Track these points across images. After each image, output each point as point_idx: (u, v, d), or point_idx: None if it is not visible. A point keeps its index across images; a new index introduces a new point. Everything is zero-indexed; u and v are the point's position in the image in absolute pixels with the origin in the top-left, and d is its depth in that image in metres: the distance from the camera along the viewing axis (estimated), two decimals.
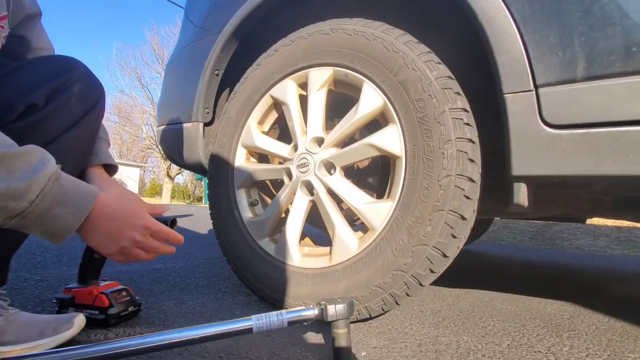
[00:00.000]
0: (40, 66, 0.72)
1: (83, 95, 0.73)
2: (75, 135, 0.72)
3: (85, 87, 0.73)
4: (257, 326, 0.66)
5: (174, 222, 0.88)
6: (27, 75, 0.69)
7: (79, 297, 0.86)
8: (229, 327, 0.66)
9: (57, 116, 0.68)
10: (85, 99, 0.73)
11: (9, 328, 0.70)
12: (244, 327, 0.66)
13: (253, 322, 0.66)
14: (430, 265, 0.88)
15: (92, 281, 0.90)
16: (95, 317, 0.84)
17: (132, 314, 0.91)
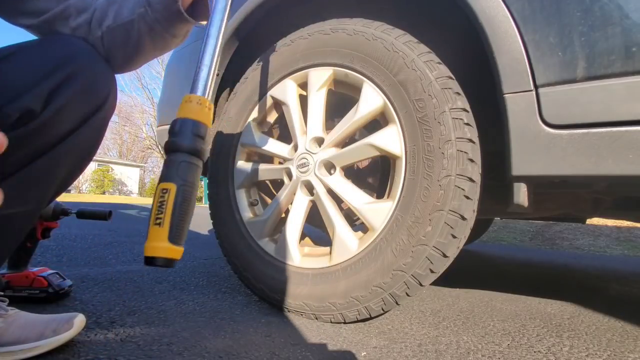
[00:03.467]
0: (35, 57, 0.59)
1: (90, 90, 0.62)
2: (78, 140, 0.62)
3: (93, 81, 0.62)
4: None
5: (110, 213, 1.07)
6: (18, 69, 0.56)
7: (15, 280, 0.97)
8: None
9: (58, 121, 0.58)
10: (92, 96, 0.63)
11: (8, 329, 0.70)
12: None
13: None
14: (430, 265, 0.88)
15: (22, 267, 1.00)
16: (36, 296, 0.96)
17: (66, 293, 1.04)
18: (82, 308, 0.97)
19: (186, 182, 0.61)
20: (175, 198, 0.60)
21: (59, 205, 1.04)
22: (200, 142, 0.64)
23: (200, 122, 0.64)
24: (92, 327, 0.84)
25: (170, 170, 0.61)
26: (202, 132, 0.65)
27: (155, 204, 0.60)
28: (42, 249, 1.73)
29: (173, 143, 0.62)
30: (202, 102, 0.64)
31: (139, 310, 0.99)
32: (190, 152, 0.62)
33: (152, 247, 0.57)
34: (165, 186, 0.59)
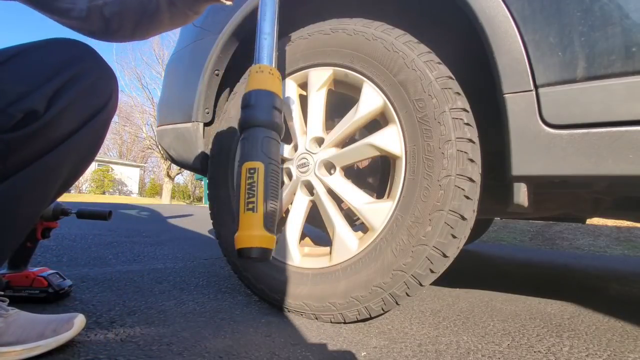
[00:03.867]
0: (39, 58, 0.60)
1: (92, 92, 0.62)
2: (80, 139, 0.62)
3: (95, 83, 0.62)
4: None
5: (110, 213, 1.08)
6: (23, 70, 0.57)
7: (15, 280, 0.97)
8: None
9: (61, 122, 0.58)
10: (95, 97, 0.63)
11: (8, 329, 0.70)
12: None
13: None
14: (430, 265, 0.88)
15: (22, 267, 1.00)
16: (36, 296, 0.96)
17: (66, 293, 1.03)
18: (82, 308, 0.97)
19: (272, 159, 0.56)
20: (265, 178, 0.54)
21: (59, 205, 1.04)
22: (278, 116, 0.60)
23: (275, 93, 0.59)
24: (92, 327, 0.84)
25: (254, 147, 0.55)
26: (279, 105, 0.60)
27: (244, 186, 0.54)
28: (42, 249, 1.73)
29: (251, 117, 0.57)
30: (273, 72, 0.60)
31: (139, 310, 0.99)
32: (271, 127, 0.58)
33: (247, 236, 0.52)
34: (252, 165, 0.54)
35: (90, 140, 0.65)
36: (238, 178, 0.56)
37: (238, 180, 0.56)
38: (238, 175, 0.57)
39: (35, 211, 0.65)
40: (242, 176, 0.55)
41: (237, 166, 0.58)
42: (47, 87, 0.56)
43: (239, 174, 0.57)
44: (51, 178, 0.62)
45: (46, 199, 0.64)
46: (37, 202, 0.63)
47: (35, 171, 0.57)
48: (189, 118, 1.36)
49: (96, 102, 0.63)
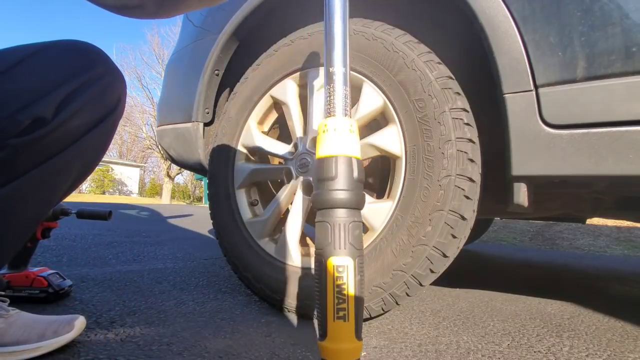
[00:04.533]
0: (51, 62, 0.58)
1: (102, 98, 0.61)
2: (88, 142, 0.62)
3: (105, 88, 0.61)
4: None
5: (110, 213, 1.07)
6: (33, 75, 0.56)
7: (15, 280, 0.97)
8: None
9: (68, 128, 0.58)
10: (104, 102, 0.62)
11: (9, 330, 0.70)
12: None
13: None
14: (430, 265, 0.88)
15: (22, 267, 1.00)
16: (36, 296, 0.97)
17: (66, 293, 1.04)
18: (82, 308, 0.97)
19: (361, 251, 0.48)
20: (355, 277, 0.46)
21: (59, 205, 1.04)
22: (361, 188, 0.50)
23: (359, 160, 0.51)
24: (92, 327, 0.84)
25: (341, 237, 0.47)
26: (362, 174, 0.51)
27: (331, 288, 0.45)
28: (42, 249, 1.73)
29: (334, 196, 0.48)
30: (353, 129, 0.52)
31: (139, 310, 0.99)
32: (357, 207, 0.49)
33: (338, 350, 0.44)
34: (340, 261, 0.46)
35: (98, 143, 0.65)
36: (321, 273, 0.47)
37: (321, 275, 0.47)
38: (321, 269, 0.48)
39: (39, 214, 0.64)
40: (327, 273, 0.46)
41: (317, 257, 0.48)
42: (56, 94, 0.55)
43: (322, 268, 0.48)
44: (57, 181, 0.61)
45: (51, 201, 0.64)
46: (42, 205, 0.63)
47: (41, 174, 0.57)
48: (189, 118, 1.36)
49: (105, 106, 0.63)
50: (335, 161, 0.50)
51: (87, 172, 0.68)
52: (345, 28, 0.62)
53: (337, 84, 0.58)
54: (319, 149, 0.52)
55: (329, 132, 0.51)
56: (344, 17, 0.63)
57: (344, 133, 0.51)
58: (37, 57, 0.58)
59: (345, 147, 0.50)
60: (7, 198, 0.54)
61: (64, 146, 0.58)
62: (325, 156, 0.50)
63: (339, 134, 0.51)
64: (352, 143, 0.51)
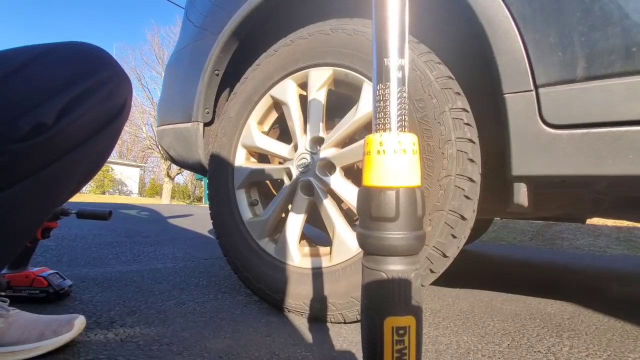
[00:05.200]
0: (53, 67, 0.56)
1: (106, 103, 0.59)
2: (92, 147, 0.60)
3: (110, 93, 0.59)
4: None
5: (110, 213, 1.08)
6: (36, 79, 0.55)
7: (15, 280, 0.97)
8: None
9: (71, 133, 0.56)
10: (108, 107, 0.60)
11: (9, 329, 0.70)
12: None
13: None
14: (430, 265, 0.88)
15: (22, 267, 1.00)
16: (36, 296, 0.97)
17: (66, 293, 1.04)
18: (82, 308, 0.97)
19: (422, 306, 0.40)
20: (417, 339, 0.39)
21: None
22: (423, 228, 0.41)
23: (419, 189, 0.40)
24: (92, 327, 0.84)
25: (402, 291, 0.38)
26: (424, 210, 0.41)
27: (389, 355, 0.38)
28: (42, 249, 1.73)
29: (396, 243, 0.38)
30: (415, 148, 0.40)
31: (139, 310, 0.99)
32: (418, 252, 0.40)
33: None
34: (400, 322, 0.38)
35: (102, 147, 0.64)
36: (375, 336, 0.39)
37: (375, 340, 0.39)
38: (375, 332, 0.39)
39: (40, 218, 0.64)
40: (383, 335, 0.38)
41: (368, 313, 0.40)
42: (59, 99, 0.54)
43: (376, 331, 0.39)
44: (58, 185, 0.61)
45: (53, 205, 0.64)
46: (43, 210, 0.62)
47: (42, 179, 0.56)
48: (189, 118, 1.36)
49: (110, 111, 0.61)
50: (397, 196, 0.38)
51: (90, 175, 0.67)
52: (404, 7, 0.49)
53: (392, 84, 0.42)
54: (370, 174, 0.41)
55: (387, 155, 0.39)
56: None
57: (407, 155, 0.39)
58: (40, 60, 0.56)
59: (409, 176, 0.39)
60: (7, 203, 0.54)
61: (66, 151, 0.57)
62: (382, 187, 0.39)
63: (401, 156, 0.39)
64: (416, 169, 0.40)
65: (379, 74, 0.43)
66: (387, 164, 0.40)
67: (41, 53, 0.57)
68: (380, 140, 0.41)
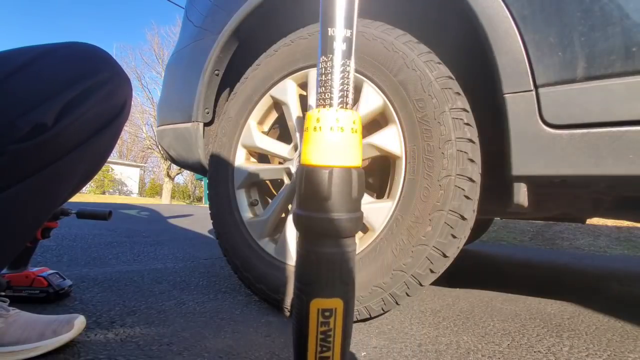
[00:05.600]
0: (52, 67, 0.56)
1: (106, 103, 0.59)
2: (91, 147, 0.60)
3: (110, 93, 0.59)
4: None
5: (110, 213, 1.07)
6: (36, 79, 0.54)
7: (15, 280, 0.97)
8: None
9: (71, 133, 0.56)
10: (108, 108, 0.60)
11: (9, 329, 0.70)
12: None
13: None
14: (430, 265, 0.88)
15: (22, 267, 1.00)
16: (36, 296, 0.97)
17: (66, 293, 1.04)
18: (82, 308, 0.97)
19: (353, 287, 0.39)
20: (344, 321, 0.39)
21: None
22: (360, 209, 0.40)
23: (360, 170, 0.39)
24: (92, 327, 0.84)
25: (329, 274, 0.37)
26: (363, 190, 0.40)
27: (314, 334, 0.38)
28: (42, 249, 1.73)
29: (327, 223, 0.37)
30: (356, 126, 0.38)
31: (139, 310, 0.99)
32: (352, 235, 0.39)
33: None
34: (326, 304, 0.37)
35: (102, 148, 0.64)
36: (301, 316, 0.38)
37: (301, 320, 0.38)
38: (301, 312, 0.38)
39: (40, 219, 0.64)
40: (309, 318, 0.38)
41: (297, 294, 0.39)
42: (58, 100, 0.54)
43: (302, 311, 0.38)
44: (58, 186, 0.61)
45: (52, 206, 0.64)
46: (42, 210, 0.62)
47: (42, 179, 0.56)
48: (189, 118, 1.36)
49: (110, 111, 0.61)
50: (329, 175, 0.37)
51: (90, 175, 0.67)
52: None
53: (336, 57, 0.39)
54: (305, 152, 0.39)
55: (323, 132, 0.37)
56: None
57: (344, 134, 0.37)
58: (40, 61, 0.56)
59: (345, 155, 0.37)
60: (6, 203, 0.54)
61: (65, 152, 0.57)
62: (315, 165, 0.37)
63: (337, 134, 0.37)
64: (353, 148, 0.38)
65: (324, 45, 0.40)
66: (322, 141, 0.38)
67: (41, 54, 0.57)
68: (318, 117, 0.39)
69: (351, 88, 0.41)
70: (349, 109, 0.40)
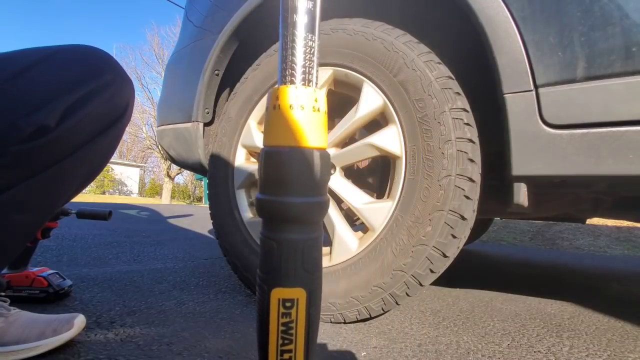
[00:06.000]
0: (56, 69, 0.56)
1: (109, 105, 0.60)
2: (94, 149, 0.60)
3: (112, 96, 0.60)
4: None
5: (110, 213, 1.07)
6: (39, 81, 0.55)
7: (15, 280, 0.96)
8: None
9: (74, 135, 0.56)
10: (111, 110, 0.61)
11: (9, 329, 0.70)
12: None
13: None
14: (430, 265, 0.88)
15: (22, 267, 1.00)
16: (36, 296, 0.97)
17: (66, 293, 1.04)
18: (82, 308, 0.97)
19: (318, 277, 0.37)
20: (307, 313, 0.36)
21: None
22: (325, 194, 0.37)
23: (324, 152, 0.37)
24: (92, 327, 0.84)
25: (288, 259, 0.36)
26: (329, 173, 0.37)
27: (275, 326, 0.36)
28: (42, 249, 1.73)
29: (285, 207, 0.35)
30: (319, 105, 0.36)
31: (139, 310, 0.99)
32: (315, 220, 0.37)
33: None
34: (287, 293, 0.36)
35: (104, 150, 0.64)
36: (263, 306, 0.36)
37: (263, 310, 0.36)
38: (263, 302, 0.37)
39: (41, 220, 0.64)
40: (269, 308, 0.36)
41: (259, 284, 0.38)
42: (61, 102, 0.54)
43: (263, 301, 0.37)
44: (60, 187, 0.61)
45: (55, 206, 0.63)
46: (43, 211, 0.62)
47: (43, 181, 0.56)
48: (189, 118, 1.36)
49: (112, 113, 0.61)
50: (288, 156, 0.35)
51: (92, 177, 0.67)
52: None
53: (298, 30, 0.39)
54: (266, 133, 0.37)
55: (281, 110, 0.34)
56: None
57: (304, 112, 0.34)
58: (44, 63, 0.56)
59: (306, 135, 0.35)
60: (7, 205, 0.54)
61: (67, 153, 0.57)
62: (274, 146, 0.35)
63: (298, 112, 0.35)
64: (316, 127, 0.35)
65: (284, 18, 0.38)
66: (281, 120, 0.36)
67: (44, 56, 0.57)
68: (277, 94, 0.36)
69: (315, 65, 0.39)
70: (312, 87, 0.37)
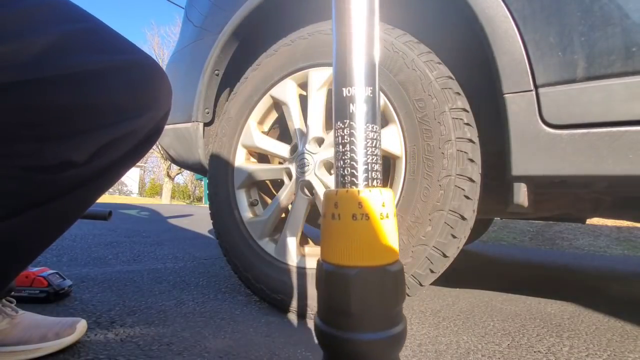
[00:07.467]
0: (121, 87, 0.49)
1: (142, 150, 0.56)
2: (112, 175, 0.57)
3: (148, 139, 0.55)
4: None
5: (110, 213, 1.11)
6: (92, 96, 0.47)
7: (15, 280, 0.93)
8: None
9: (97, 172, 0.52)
10: (141, 153, 0.57)
11: (13, 330, 0.70)
12: None
13: None
14: (430, 265, 0.88)
15: None
16: (36, 296, 0.98)
17: (66, 293, 1.04)
18: (82, 308, 0.97)
19: None
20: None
21: None
22: (400, 322, 0.31)
23: (391, 265, 0.30)
24: (92, 327, 0.84)
25: None
26: (401, 294, 0.31)
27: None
28: None
29: (343, 346, 0.29)
30: (389, 211, 0.30)
31: (139, 310, 0.99)
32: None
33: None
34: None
35: (124, 172, 0.60)
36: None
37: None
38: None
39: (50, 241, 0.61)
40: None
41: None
42: (101, 136, 0.47)
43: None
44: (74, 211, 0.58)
45: (64, 229, 0.61)
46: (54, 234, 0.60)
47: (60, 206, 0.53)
48: (189, 118, 1.36)
49: (141, 155, 0.57)
50: (354, 279, 0.31)
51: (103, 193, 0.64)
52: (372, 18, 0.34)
53: (358, 122, 0.34)
54: (325, 246, 0.35)
55: (344, 222, 0.31)
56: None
57: (371, 221, 0.32)
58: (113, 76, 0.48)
59: (375, 250, 0.31)
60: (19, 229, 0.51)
61: (86, 183, 0.53)
62: (337, 265, 0.32)
63: (364, 223, 0.31)
64: (387, 238, 0.31)
65: (338, 109, 0.31)
66: (343, 233, 0.30)
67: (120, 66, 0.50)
68: (336, 201, 0.31)
69: (379, 159, 0.32)
70: (378, 187, 0.31)
